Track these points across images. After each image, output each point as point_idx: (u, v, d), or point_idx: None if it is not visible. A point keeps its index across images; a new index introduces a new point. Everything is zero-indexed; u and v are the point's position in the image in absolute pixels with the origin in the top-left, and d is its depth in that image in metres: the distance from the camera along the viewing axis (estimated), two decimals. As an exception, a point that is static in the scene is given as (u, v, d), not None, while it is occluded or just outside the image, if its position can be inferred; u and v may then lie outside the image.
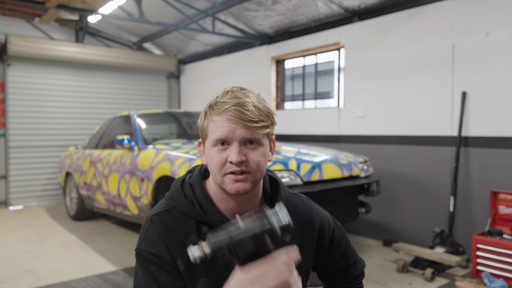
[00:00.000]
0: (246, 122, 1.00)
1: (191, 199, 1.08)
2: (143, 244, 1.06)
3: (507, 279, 3.22)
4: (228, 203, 1.08)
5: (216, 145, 1.02)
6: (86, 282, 3.42)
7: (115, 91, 7.60)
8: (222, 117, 1.01)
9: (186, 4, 5.76)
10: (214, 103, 1.04)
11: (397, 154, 4.48)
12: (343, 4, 4.79)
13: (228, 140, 1.01)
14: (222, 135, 1.01)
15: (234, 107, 1.01)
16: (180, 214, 1.08)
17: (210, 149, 1.03)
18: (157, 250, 1.03)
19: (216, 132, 1.01)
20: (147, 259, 1.04)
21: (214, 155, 1.02)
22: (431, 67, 4.14)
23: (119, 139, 4.25)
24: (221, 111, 1.01)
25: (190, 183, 1.11)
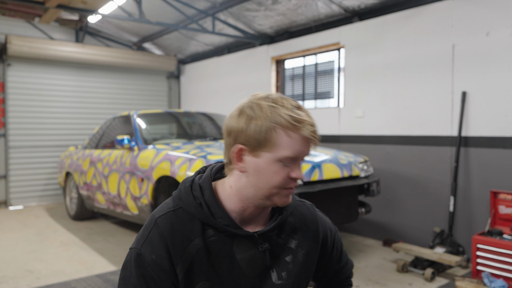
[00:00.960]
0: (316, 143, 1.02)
1: (199, 201, 1.05)
2: (144, 246, 1.03)
3: (507, 279, 3.22)
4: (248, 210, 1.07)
5: (282, 162, 1.00)
6: (86, 282, 3.42)
7: (115, 91, 7.60)
8: (300, 135, 0.99)
9: (186, 4, 5.76)
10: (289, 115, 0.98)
11: (397, 154, 4.48)
12: (343, 4, 4.79)
13: (298, 158, 1.01)
14: (296, 154, 0.99)
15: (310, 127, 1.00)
16: (186, 215, 1.05)
17: (272, 163, 0.99)
18: (156, 256, 1.01)
19: (290, 149, 0.98)
20: (145, 262, 1.02)
21: (277, 170, 1.00)
22: (431, 67, 4.14)
23: (119, 139, 4.25)
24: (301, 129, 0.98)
25: (200, 184, 1.08)
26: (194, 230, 1.04)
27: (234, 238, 1.06)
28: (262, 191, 1.02)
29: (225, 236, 1.05)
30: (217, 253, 1.04)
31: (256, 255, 1.07)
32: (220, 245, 1.05)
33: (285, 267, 1.11)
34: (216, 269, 1.04)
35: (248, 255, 1.06)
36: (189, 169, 3.32)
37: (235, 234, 1.05)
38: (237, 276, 1.05)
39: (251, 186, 1.03)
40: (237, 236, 1.06)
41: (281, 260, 1.11)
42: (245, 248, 1.06)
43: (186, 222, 1.05)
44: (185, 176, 3.31)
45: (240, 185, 1.04)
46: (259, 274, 1.07)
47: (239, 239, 1.06)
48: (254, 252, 1.07)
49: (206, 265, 1.04)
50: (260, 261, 1.07)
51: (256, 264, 1.07)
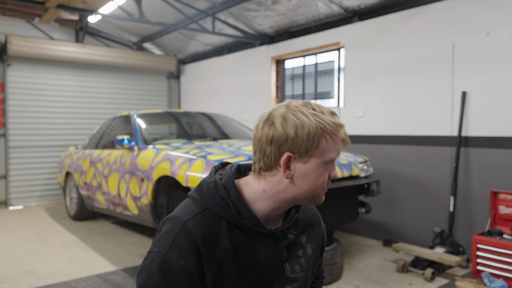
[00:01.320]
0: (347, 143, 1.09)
1: (227, 202, 1.05)
2: (170, 251, 0.98)
3: (507, 279, 3.22)
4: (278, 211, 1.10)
5: (327, 163, 1.06)
6: (86, 282, 3.42)
7: (115, 91, 7.60)
8: (338, 138, 1.06)
9: (186, 4, 5.76)
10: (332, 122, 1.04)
11: (397, 154, 4.48)
12: (343, 4, 4.79)
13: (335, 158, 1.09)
14: (337, 155, 1.07)
15: (344, 130, 1.08)
16: (213, 217, 1.04)
17: (319, 166, 1.05)
18: (185, 262, 0.97)
19: (333, 152, 1.05)
20: (171, 268, 0.97)
21: (322, 172, 1.05)
22: (431, 67, 4.14)
23: (119, 139, 4.25)
24: (339, 133, 1.05)
25: (224, 185, 1.08)
26: (222, 231, 1.04)
27: (256, 237, 1.08)
28: (305, 193, 1.06)
29: (249, 235, 1.07)
30: (242, 253, 1.06)
31: (276, 252, 1.11)
32: (244, 245, 1.06)
33: (297, 261, 1.15)
34: (241, 269, 1.06)
35: (268, 252, 1.09)
36: (189, 169, 3.32)
37: (258, 233, 1.07)
38: (259, 273, 1.08)
39: (293, 190, 1.06)
40: (259, 235, 1.08)
41: (293, 255, 1.15)
42: (265, 245, 1.09)
43: (214, 223, 1.04)
44: (185, 176, 3.31)
45: (279, 189, 1.06)
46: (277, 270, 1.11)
47: (260, 237, 1.08)
48: (274, 249, 1.10)
49: (234, 267, 1.04)
50: (278, 258, 1.11)
51: (275, 260, 1.11)
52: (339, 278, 3.50)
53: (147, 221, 3.99)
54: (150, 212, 3.85)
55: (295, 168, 1.04)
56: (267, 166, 1.06)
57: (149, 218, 3.91)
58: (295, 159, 1.03)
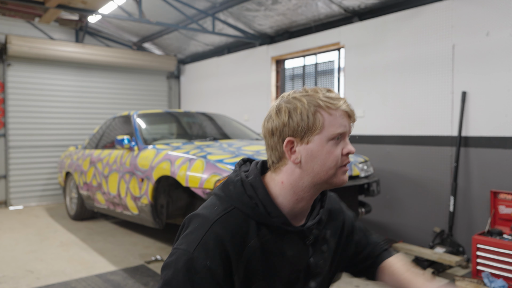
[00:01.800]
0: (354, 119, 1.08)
1: (255, 201, 1.04)
2: (197, 250, 0.97)
3: (507, 279, 3.22)
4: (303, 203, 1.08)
5: (333, 139, 1.04)
6: (86, 282, 3.42)
7: (115, 91, 7.60)
8: (340, 112, 1.05)
9: (186, 4, 5.76)
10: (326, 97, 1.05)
11: (397, 154, 4.48)
12: (343, 4, 4.79)
13: (344, 134, 1.06)
14: (343, 129, 1.04)
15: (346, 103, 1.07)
16: (241, 216, 1.03)
17: (324, 144, 1.03)
18: (211, 263, 0.96)
19: (336, 126, 1.04)
20: (196, 268, 0.96)
21: (331, 149, 1.04)
22: (431, 67, 4.14)
23: (119, 139, 4.25)
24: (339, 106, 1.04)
25: (251, 183, 1.07)
26: (250, 231, 1.02)
27: (284, 236, 1.07)
28: (319, 175, 1.04)
29: (277, 234, 1.06)
30: (271, 252, 1.05)
31: (303, 249, 1.10)
32: (273, 243, 1.06)
33: (322, 256, 1.15)
34: (270, 268, 1.05)
35: (297, 250, 1.09)
36: (189, 169, 3.32)
37: (287, 231, 1.07)
38: (288, 271, 1.08)
39: (307, 174, 1.05)
40: (287, 233, 1.07)
41: (318, 250, 1.14)
42: (294, 243, 1.09)
43: (242, 223, 1.02)
44: (185, 176, 3.31)
45: (294, 177, 1.06)
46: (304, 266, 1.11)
47: (289, 235, 1.08)
48: (302, 246, 1.10)
49: (262, 265, 1.04)
50: (305, 255, 1.11)
51: (302, 257, 1.10)
52: (339, 278, 3.50)
53: (147, 221, 3.99)
54: (150, 212, 3.85)
55: (300, 151, 1.04)
56: (277, 158, 1.07)
57: (149, 218, 3.91)
58: (297, 142, 1.04)
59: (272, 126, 1.06)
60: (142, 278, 3.50)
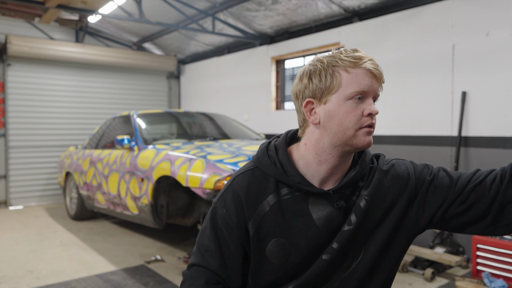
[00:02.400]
0: (381, 76, 1.02)
1: (273, 160, 1.10)
2: (219, 201, 1.13)
3: (507, 279, 3.22)
4: (327, 164, 1.06)
5: (352, 98, 1.01)
6: (86, 282, 3.42)
7: (115, 91, 7.60)
8: (362, 70, 1.01)
9: (186, 4, 5.76)
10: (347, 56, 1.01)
11: (397, 154, 4.48)
12: (343, 4, 4.79)
13: (367, 93, 1.02)
14: (364, 88, 1.00)
15: (372, 62, 1.01)
16: (262, 174, 1.11)
17: (342, 103, 1.01)
18: (226, 211, 1.09)
19: (356, 84, 1.00)
20: (217, 215, 1.11)
21: (349, 108, 1.01)
22: (431, 67, 4.14)
23: (119, 139, 4.25)
24: (361, 64, 1.00)
25: (276, 145, 1.14)
26: (268, 187, 1.09)
27: (308, 197, 1.08)
28: (337, 136, 1.03)
29: (300, 195, 1.08)
30: (292, 211, 1.07)
31: (333, 213, 1.07)
32: (295, 204, 1.07)
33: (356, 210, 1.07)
34: (292, 227, 1.07)
35: (324, 214, 1.07)
36: (189, 169, 3.32)
37: (309, 193, 1.07)
38: (314, 234, 1.07)
39: (327, 134, 1.05)
40: (311, 194, 1.07)
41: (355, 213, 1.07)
42: (321, 207, 1.07)
43: (261, 180, 1.10)
44: (185, 176, 3.31)
45: (315, 138, 1.07)
46: (334, 231, 1.08)
47: (313, 198, 1.08)
48: (330, 210, 1.07)
49: (281, 222, 1.07)
50: (336, 219, 1.07)
51: (333, 222, 1.07)
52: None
53: (147, 221, 3.99)
54: (150, 212, 3.85)
55: (319, 112, 1.05)
56: (301, 120, 1.11)
57: (149, 218, 3.91)
58: (316, 103, 1.05)
59: (296, 90, 1.10)
60: (142, 278, 3.50)
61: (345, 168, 1.11)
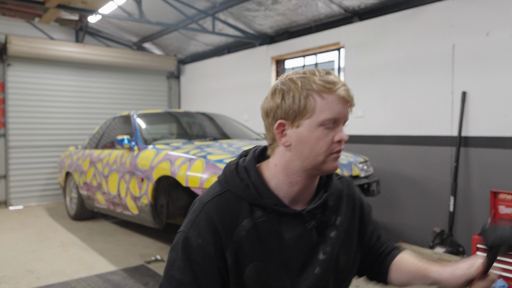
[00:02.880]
0: (352, 104, 1.03)
1: (246, 182, 1.07)
2: (191, 230, 1.04)
3: (507, 279, 3.22)
4: (296, 186, 1.07)
5: (324, 125, 1.01)
6: (86, 282, 3.42)
7: (115, 91, 7.60)
8: (334, 96, 1.00)
9: (186, 4, 5.76)
10: (321, 80, 1.00)
11: (397, 154, 4.48)
12: (343, 4, 4.79)
13: (339, 120, 1.02)
14: (336, 115, 1.01)
15: (345, 88, 1.01)
16: (234, 198, 1.07)
17: (314, 129, 1.01)
18: (203, 241, 1.02)
19: (329, 111, 1.00)
20: (191, 246, 1.03)
21: (320, 134, 1.01)
22: (431, 67, 4.14)
23: (119, 139, 4.25)
24: (335, 90, 1.00)
25: (245, 167, 1.10)
26: (242, 211, 1.05)
27: (281, 218, 1.07)
28: (308, 160, 1.03)
29: (273, 216, 1.06)
30: (267, 234, 1.06)
31: (304, 233, 1.08)
32: (269, 225, 1.06)
33: (330, 242, 1.11)
34: (267, 249, 1.05)
35: (296, 234, 1.07)
36: (189, 169, 3.32)
37: (283, 213, 1.06)
38: (287, 255, 1.07)
39: (297, 158, 1.04)
40: (285, 215, 1.07)
41: (326, 237, 1.12)
42: (293, 227, 1.07)
43: (234, 204, 1.06)
44: (185, 176, 3.31)
45: (285, 160, 1.06)
46: (307, 252, 1.09)
47: (286, 218, 1.07)
48: (302, 230, 1.08)
49: (257, 246, 1.05)
50: (307, 239, 1.08)
51: (304, 242, 1.08)
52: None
53: (147, 221, 3.99)
54: (150, 212, 3.85)
55: (290, 134, 1.04)
56: (271, 139, 1.09)
57: (149, 218, 3.91)
58: (288, 125, 1.04)
59: (267, 107, 1.07)
60: (142, 278, 3.50)
61: (313, 188, 1.12)
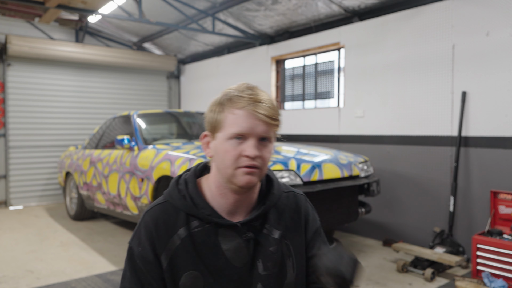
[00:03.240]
0: (266, 119, 1.01)
1: (183, 193, 1.11)
2: (133, 240, 1.11)
3: (507, 279, 3.22)
4: (227, 198, 1.09)
5: (232, 139, 1.02)
6: (86, 282, 3.42)
7: (115, 91, 7.60)
8: (244, 111, 1.02)
9: (186, 4, 5.76)
10: (235, 96, 1.03)
11: (397, 154, 4.48)
12: (343, 4, 4.79)
13: (247, 135, 1.02)
14: (242, 130, 1.01)
15: (256, 103, 1.02)
16: (171, 208, 1.11)
17: (224, 142, 1.03)
18: (142, 249, 1.08)
19: (236, 126, 1.01)
20: (134, 255, 1.09)
21: (229, 148, 1.02)
22: (431, 67, 4.14)
23: (119, 139, 4.25)
24: (243, 105, 1.02)
25: (185, 179, 1.15)
26: (179, 221, 1.09)
27: (218, 229, 1.09)
28: (222, 173, 1.06)
29: (210, 227, 1.09)
30: (203, 244, 1.08)
31: (241, 245, 1.09)
32: (205, 236, 1.09)
33: (271, 257, 1.12)
34: (203, 259, 1.08)
35: (233, 245, 1.09)
36: (189, 169, 3.32)
37: (219, 224, 1.09)
38: (224, 266, 1.08)
39: (217, 170, 1.08)
40: (221, 226, 1.09)
41: (267, 251, 1.12)
42: (229, 238, 1.09)
43: (171, 214, 1.10)
44: (185, 176, 3.31)
45: (213, 172, 1.11)
46: (245, 264, 1.10)
47: (223, 229, 1.09)
48: (239, 242, 1.09)
49: (192, 255, 1.07)
50: (244, 251, 1.10)
51: (241, 253, 1.09)
52: None
53: (147, 221, 3.98)
54: (150, 212, 3.84)
55: (211, 146, 1.09)
56: None
57: (149, 218, 3.90)
58: (210, 137, 1.09)
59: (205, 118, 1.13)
60: (142, 278, 3.50)
61: (251, 200, 1.13)
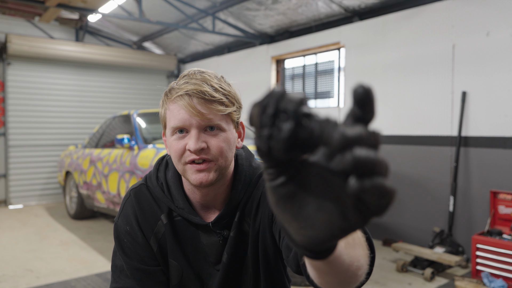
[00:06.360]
0: (201, 108, 0.94)
1: (161, 181, 1.08)
2: (120, 217, 1.09)
3: (506, 279, 3.22)
4: (195, 193, 1.04)
5: (175, 134, 0.98)
6: (85, 281, 3.42)
7: (115, 90, 7.59)
8: (177, 105, 0.96)
9: (186, 3, 5.76)
10: (169, 90, 1.00)
11: (397, 154, 4.48)
12: (343, 4, 4.79)
13: (186, 127, 0.96)
14: (178, 124, 0.96)
15: (188, 93, 0.94)
16: None
17: (169, 138, 1.00)
18: (130, 228, 1.06)
19: (172, 120, 0.97)
20: (120, 233, 1.07)
21: (172, 143, 0.98)
22: (431, 67, 4.14)
23: (119, 138, 4.25)
24: (175, 98, 0.96)
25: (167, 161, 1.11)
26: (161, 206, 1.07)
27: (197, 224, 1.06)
28: (178, 169, 1.02)
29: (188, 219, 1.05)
30: (184, 234, 1.06)
31: (217, 242, 1.06)
32: (184, 226, 1.06)
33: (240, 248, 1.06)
34: (183, 250, 1.05)
35: (211, 241, 1.06)
36: (189, 169, 3.32)
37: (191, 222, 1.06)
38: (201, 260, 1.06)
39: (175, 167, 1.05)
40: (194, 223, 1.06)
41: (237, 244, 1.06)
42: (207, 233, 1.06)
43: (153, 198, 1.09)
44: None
45: None
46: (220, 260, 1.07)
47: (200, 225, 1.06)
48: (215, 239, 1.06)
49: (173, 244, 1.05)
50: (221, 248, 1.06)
51: (218, 250, 1.06)
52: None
53: (147, 220, 3.98)
54: (150, 212, 3.85)
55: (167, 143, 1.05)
56: None
57: (149, 217, 3.90)
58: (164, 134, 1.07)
59: None
60: (142, 277, 3.50)
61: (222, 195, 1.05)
